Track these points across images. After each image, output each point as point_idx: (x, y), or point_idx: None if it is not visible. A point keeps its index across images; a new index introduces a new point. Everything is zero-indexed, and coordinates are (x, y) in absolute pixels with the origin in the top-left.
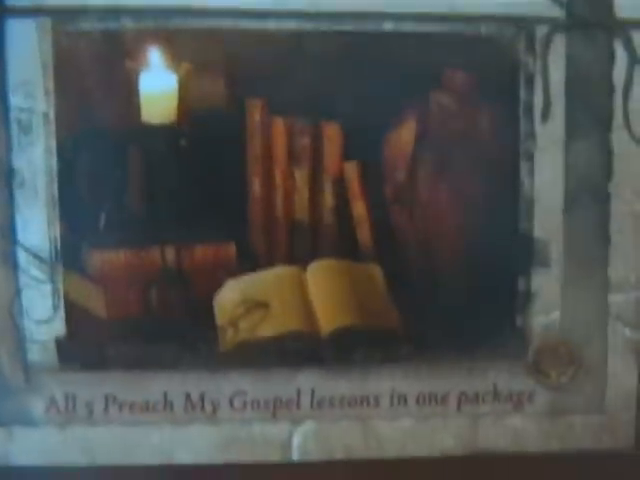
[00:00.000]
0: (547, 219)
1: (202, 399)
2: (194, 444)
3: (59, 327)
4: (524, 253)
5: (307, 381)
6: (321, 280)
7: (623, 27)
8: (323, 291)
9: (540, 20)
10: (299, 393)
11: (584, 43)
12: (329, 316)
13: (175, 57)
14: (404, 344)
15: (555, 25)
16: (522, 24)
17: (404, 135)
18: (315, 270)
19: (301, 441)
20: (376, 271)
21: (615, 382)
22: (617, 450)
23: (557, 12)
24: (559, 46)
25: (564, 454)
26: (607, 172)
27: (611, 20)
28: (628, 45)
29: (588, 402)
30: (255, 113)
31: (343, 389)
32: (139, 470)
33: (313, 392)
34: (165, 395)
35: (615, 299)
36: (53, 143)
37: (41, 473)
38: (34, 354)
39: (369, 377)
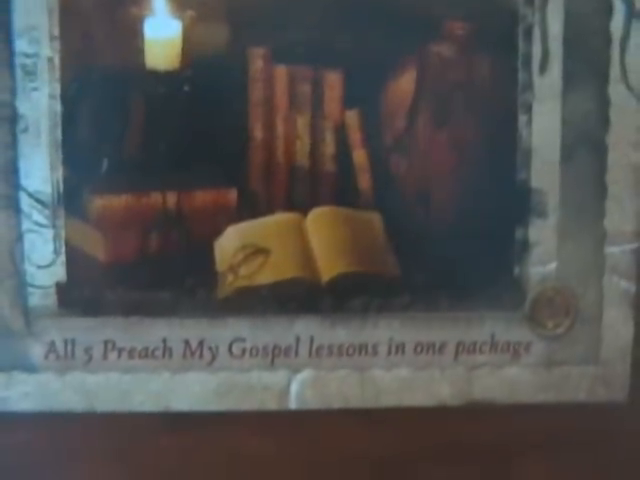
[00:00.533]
0: (544, 169)
1: (201, 346)
2: (192, 391)
3: (60, 272)
4: (521, 203)
5: (306, 329)
6: (321, 227)
7: None
8: (323, 238)
9: None
10: (298, 341)
11: None
12: (328, 263)
13: (179, 4)
14: (402, 293)
15: None
16: None
17: (404, 84)
18: (315, 217)
19: (299, 389)
20: (376, 219)
21: (610, 334)
22: (611, 401)
23: None
24: None
25: (559, 405)
26: (604, 124)
27: None
28: None
29: (584, 353)
30: (257, 60)
31: (341, 337)
32: (137, 416)
33: (312, 340)
34: (164, 341)
35: (611, 250)
36: (57, 88)
37: (39, 418)
38: (35, 299)
39: (367, 326)
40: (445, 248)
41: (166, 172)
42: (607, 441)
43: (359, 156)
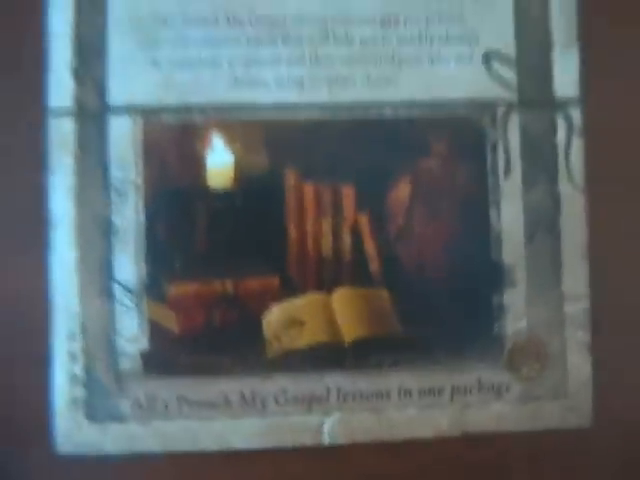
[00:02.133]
0: (512, 249)
1: (253, 397)
2: (247, 432)
3: (143, 343)
4: (496, 276)
5: (334, 381)
6: (343, 302)
7: (561, 104)
8: (345, 311)
9: (500, 102)
10: (328, 391)
11: (533, 117)
12: (350, 330)
13: (231, 140)
14: (408, 350)
15: (511, 105)
16: (487, 106)
17: (402, 192)
18: (338, 295)
19: (330, 428)
20: (384, 294)
21: (574, 373)
22: (578, 427)
23: (512, 95)
24: (515, 120)
25: (536, 432)
26: (556, 212)
27: (552, 99)
28: (566, 117)
29: (553, 390)
30: (290, 179)
31: (362, 387)
32: (204, 454)
33: (339, 390)
34: (224, 394)
35: (569, 309)
36: (141, 204)
37: (128, 458)
38: (124, 364)
39: (381, 377)
40: (439, 313)
41: (224, 264)
42: (577, 459)
43: (370, 247)
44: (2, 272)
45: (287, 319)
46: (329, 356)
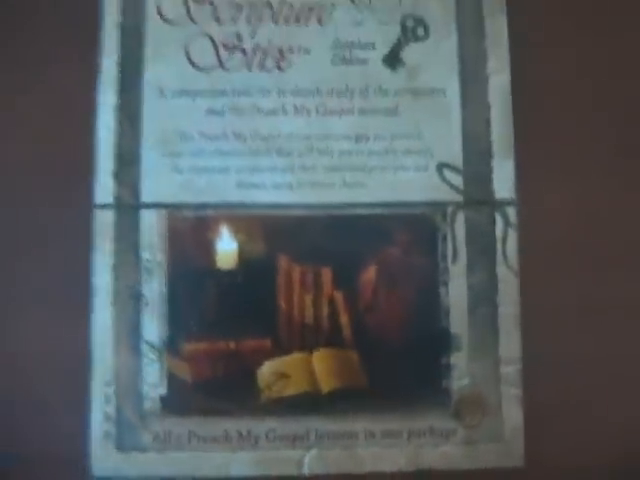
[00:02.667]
0: (458, 320)
1: (248, 434)
2: (242, 463)
3: (163, 389)
4: (445, 342)
5: (313, 423)
6: (321, 360)
7: (499, 204)
8: (322, 367)
9: (449, 203)
10: (308, 431)
11: (476, 214)
12: (326, 382)
13: (236, 231)
14: (372, 399)
15: (458, 205)
16: (439, 206)
17: (370, 274)
18: (317, 354)
19: (309, 461)
20: (354, 355)
21: (508, 422)
22: (512, 467)
23: (460, 197)
24: (461, 217)
25: (477, 470)
26: (494, 290)
27: (492, 200)
28: (503, 214)
29: (492, 435)
30: (282, 262)
31: (335, 428)
32: None
33: (317, 430)
34: (225, 432)
35: (504, 369)
36: (164, 279)
37: None
38: (147, 405)
39: (351, 420)
40: (397, 370)
41: (229, 328)
42: None
43: (343, 318)
44: (53, 330)
45: (276, 373)
46: (309, 403)
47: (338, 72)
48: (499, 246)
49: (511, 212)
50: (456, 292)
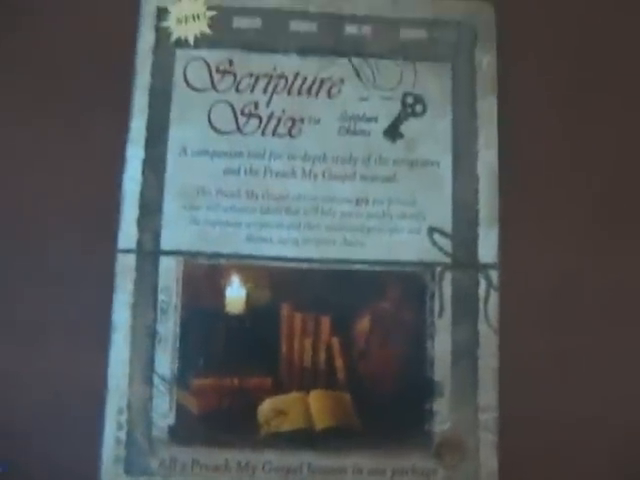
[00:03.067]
0: (442, 370)
1: (247, 465)
2: None
3: (171, 419)
4: (429, 389)
5: (306, 458)
6: (317, 400)
7: (483, 267)
8: (318, 406)
9: (438, 264)
10: (301, 465)
11: (462, 275)
12: (320, 420)
13: (245, 280)
14: (361, 438)
15: (446, 266)
16: (429, 266)
17: (364, 324)
18: (314, 394)
19: None
20: (347, 396)
21: (485, 464)
22: None
23: (448, 259)
24: (448, 277)
25: None
26: (476, 345)
27: (477, 263)
28: (486, 276)
29: (470, 475)
30: (285, 310)
31: (326, 463)
32: None
33: (309, 464)
34: (226, 461)
35: (482, 416)
36: (178, 319)
37: None
38: (156, 433)
39: (341, 456)
40: (386, 412)
41: (234, 366)
42: None
43: (338, 362)
44: (74, 362)
45: (275, 409)
46: (304, 439)
47: (343, 141)
48: (481, 305)
49: (494, 275)
50: (441, 345)
